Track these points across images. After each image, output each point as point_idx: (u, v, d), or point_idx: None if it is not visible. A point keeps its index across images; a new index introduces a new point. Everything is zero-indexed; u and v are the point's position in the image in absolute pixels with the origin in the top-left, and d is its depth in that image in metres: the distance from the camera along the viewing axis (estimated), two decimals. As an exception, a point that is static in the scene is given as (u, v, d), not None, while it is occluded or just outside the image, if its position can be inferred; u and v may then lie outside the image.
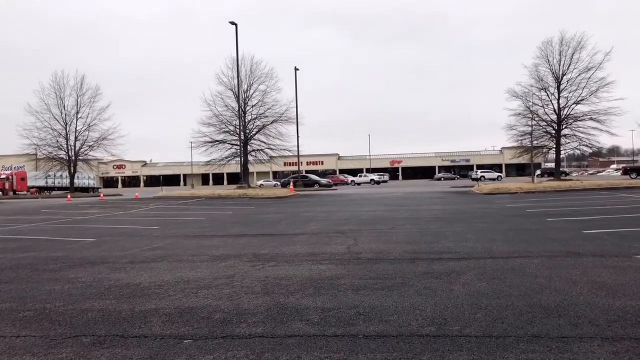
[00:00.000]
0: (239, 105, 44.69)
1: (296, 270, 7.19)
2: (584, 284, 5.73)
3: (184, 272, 7.29)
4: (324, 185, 51.33)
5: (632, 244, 8.51)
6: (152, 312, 5.14)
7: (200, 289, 6.12)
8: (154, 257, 8.83)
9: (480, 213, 16.25)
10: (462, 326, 4.32)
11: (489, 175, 72.49)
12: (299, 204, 24.72)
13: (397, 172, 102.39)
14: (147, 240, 11.37)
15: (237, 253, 9.00)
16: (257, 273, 7.05)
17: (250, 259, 8.31)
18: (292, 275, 6.83)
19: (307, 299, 5.47)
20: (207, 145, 48.58)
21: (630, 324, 4.24)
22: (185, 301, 5.55)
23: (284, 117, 48.94)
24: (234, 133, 48.51)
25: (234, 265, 7.72)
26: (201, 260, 8.32)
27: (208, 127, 48.32)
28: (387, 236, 10.75)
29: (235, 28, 38.51)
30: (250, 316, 4.84)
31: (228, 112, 48.37)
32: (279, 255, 8.57)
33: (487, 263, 7.27)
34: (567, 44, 44.39)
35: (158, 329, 4.55)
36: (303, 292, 5.77)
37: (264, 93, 48.95)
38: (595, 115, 43.97)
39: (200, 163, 61.66)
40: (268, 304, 5.28)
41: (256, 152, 50.82)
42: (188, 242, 10.93)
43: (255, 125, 49.85)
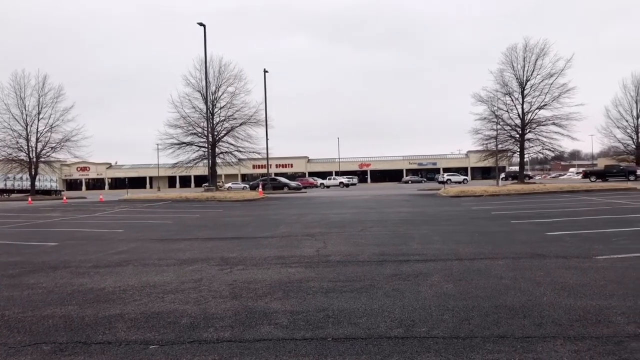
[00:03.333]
0: (207, 107, 44.35)
1: (265, 273, 7.14)
2: (547, 284, 5.87)
3: (150, 277, 7.15)
4: (293, 188, 51.25)
5: (593, 246, 8.76)
6: (116, 317, 5.01)
7: (166, 294, 6.01)
8: (119, 261, 8.64)
9: (447, 215, 16.48)
10: (430, 327, 4.36)
11: (455, 179, 73.66)
12: (268, 207, 24.60)
13: (366, 175, 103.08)
14: (112, 244, 11.11)
15: (204, 257, 8.89)
16: (225, 277, 6.97)
17: (218, 262, 8.22)
18: (260, 278, 6.78)
19: (276, 302, 5.43)
20: (174, 147, 48.07)
21: (591, 323, 4.36)
22: (152, 306, 5.44)
23: (253, 119, 48.82)
24: (201, 135, 48.06)
25: (202, 269, 7.61)
26: (168, 264, 8.18)
27: (175, 129, 47.82)
28: (356, 239, 10.79)
29: (203, 29, 38.14)
30: (218, 320, 4.78)
31: (196, 113, 47.99)
32: (248, 259, 8.49)
33: (454, 265, 7.37)
34: (530, 50, 45.66)
35: (123, 334, 4.44)
36: (272, 296, 5.73)
37: (233, 95, 48.78)
38: (558, 120, 45.35)
39: (167, 165, 60.70)
40: (236, 308, 5.22)
41: (224, 154, 50.48)
42: (154, 246, 10.73)
43: (224, 127, 49.54)
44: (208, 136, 44.91)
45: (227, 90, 48.85)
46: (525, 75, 46.19)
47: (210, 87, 47.01)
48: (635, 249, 8.22)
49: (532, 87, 46.28)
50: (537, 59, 45.45)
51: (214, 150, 48.25)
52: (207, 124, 45.02)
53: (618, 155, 67.88)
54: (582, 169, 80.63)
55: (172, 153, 48.83)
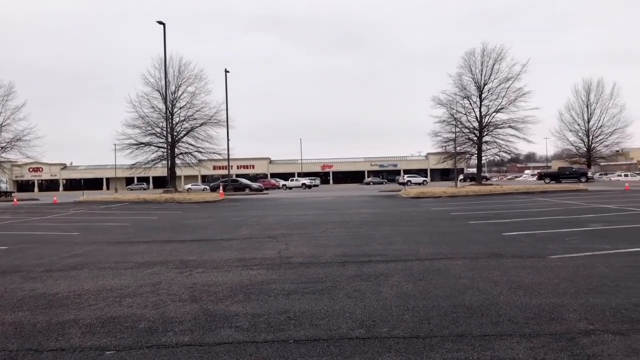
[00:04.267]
0: (167, 107, 43.50)
1: (225, 276, 7.05)
2: (504, 284, 6.02)
3: (106, 280, 6.95)
4: (255, 189, 50.90)
5: (547, 245, 9.04)
6: (70, 323, 4.85)
7: (124, 298, 5.86)
8: (73, 265, 8.36)
9: (407, 216, 16.71)
10: (391, 328, 4.40)
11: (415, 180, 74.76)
12: (229, 209, 24.35)
13: (328, 176, 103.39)
14: (67, 248, 10.75)
15: (163, 259, 8.71)
16: (184, 280, 6.85)
17: (177, 265, 8.07)
18: (221, 281, 6.69)
19: (237, 305, 5.37)
20: (132, 147, 46.92)
21: (545, 320, 4.49)
22: (108, 311, 5.28)
23: (213, 119, 48.20)
24: (160, 135, 47.15)
25: (160, 272, 7.46)
26: (125, 268, 7.97)
27: (133, 129, 46.72)
28: (318, 240, 10.79)
29: (163, 28, 37.43)
30: (177, 324, 4.69)
31: (155, 113, 47.02)
32: (208, 261, 8.37)
33: (414, 265, 7.47)
34: (488, 55, 46.85)
35: (77, 340, 4.30)
36: (232, 298, 5.67)
37: (193, 95, 48.04)
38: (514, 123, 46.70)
39: (125, 166, 59.28)
40: (196, 312, 5.13)
41: (184, 155, 49.66)
42: (111, 249, 10.45)
43: (184, 127, 48.75)
44: (167, 136, 44.10)
45: (187, 90, 48.10)
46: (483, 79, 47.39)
47: (170, 87, 46.18)
48: (587, 248, 8.53)
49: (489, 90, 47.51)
50: (494, 63, 46.70)
51: (174, 151, 47.41)
52: (166, 124, 44.16)
53: (571, 157, 70.56)
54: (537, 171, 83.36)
55: (130, 154, 47.67)
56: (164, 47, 38.11)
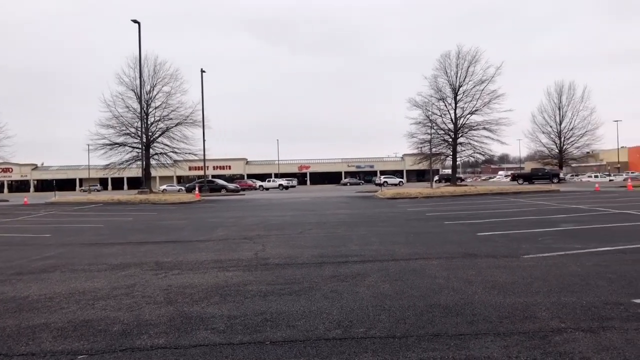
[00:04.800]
0: (142, 107, 42.93)
1: (201, 278, 6.99)
2: (478, 283, 6.10)
3: (79, 283, 6.82)
4: (231, 190, 50.54)
5: (520, 245, 9.20)
6: (41, 327, 4.74)
7: (97, 300, 5.75)
8: (44, 268, 8.19)
9: (384, 217, 16.81)
10: (367, 328, 4.42)
11: (392, 181, 75.33)
12: (205, 210, 24.14)
13: (305, 177, 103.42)
14: (38, 250, 10.52)
15: (138, 261, 8.59)
16: (159, 282, 6.77)
17: (152, 267, 7.96)
18: (197, 283, 6.62)
19: (213, 307, 5.33)
20: (106, 148, 46.21)
21: (518, 319, 4.56)
22: (80, 314, 5.18)
23: (189, 119, 47.77)
24: (135, 135, 46.54)
25: (135, 274, 7.35)
26: (99, 270, 7.83)
27: (107, 129, 46.01)
28: (295, 241, 10.78)
29: (138, 27, 36.94)
30: (152, 327, 4.62)
31: (129, 113, 46.40)
32: (183, 263, 8.28)
33: (390, 265, 7.51)
34: (463, 57, 47.51)
35: (48, 345, 4.21)
36: (208, 300, 5.62)
37: (169, 95, 47.58)
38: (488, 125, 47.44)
39: (99, 167, 58.28)
40: (171, 314, 5.07)
41: (159, 155, 49.10)
42: (84, 251, 10.26)
43: (159, 127, 48.22)
44: (142, 137, 43.52)
45: (163, 89, 47.61)
46: (458, 81, 48.03)
47: (145, 86, 45.65)
48: (559, 248, 8.71)
49: (464, 92, 48.17)
50: (469, 65, 47.37)
51: (148, 151, 46.82)
52: (141, 124, 43.58)
53: (543, 159, 71.93)
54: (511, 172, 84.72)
55: (104, 154, 46.92)
56: (139, 46, 37.65)
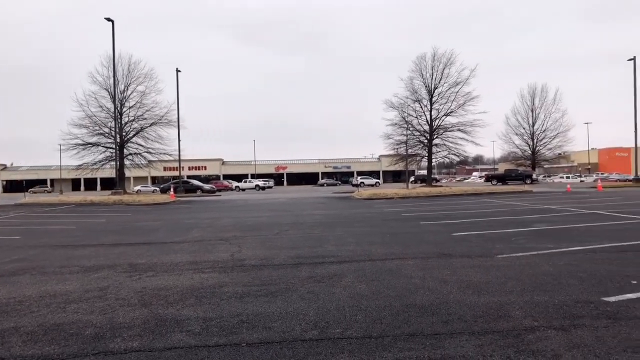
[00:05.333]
0: (115, 106, 42.25)
1: (176, 279, 6.90)
2: (453, 283, 6.16)
3: (50, 286, 6.67)
4: (207, 191, 50.08)
5: (494, 245, 9.33)
6: (11, 331, 4.62)
7: (69, 304, 5.63)
8: (14, 270, 7.98)
9: (360, 217, 16.87)
10: (344, 328, 4.42)
11: (368, 182, 75.75)
12: (180, 211, 23.88)
13: (282, 177, 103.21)
14: (7, 252, 10.25)
15: (111, 263, 8.44)
16: (133, 284, 6.66)
17: (126, 269, 7.83)
18: (172, 285, 6.54)
19: (188, 309, 5.27)
20: (79, 148, 45.31)
21: (493, 318, 4.63)
22: (51, 317, 5.07)
23: (164, 119, 47.22)
24: (109, 135, 45.81)
25: (108, 277, 7.22)
26: (71, 272, 7.67)
27: (80, 128, 45.16)
28: (271, 242, 10.74)
29: (112, 25, 36.37)
30: (126, 330, 4.55)
31: (103, 113, 45.63)
32: (158, 265, 8.18)
33: (367, 266, 7.54)
34: (438, 59, 48.05)
35: (18, 349, 4.10)
36: (184, 302, 5.55)
37: (143, 94, 46.94)
38: (463, 126, 48.07)
39: (71, 167, 57.16)
40: (145, 316, 5.00)
41: (133, 156, 48.41)
42: (56, 253, 10.04)
43: (133, 127, 47.55)
44: (116, 136, 42.86)
45: (137, 89, 46.93)
46: (434, 83, 48.56)
47: (119, 86, 44.99)
48: (532, 248, 8.86)
49: (439, 94, 48.73)
50: (444, 68, 47.93)
51: (122, 152, 46.12)
52: (115, 124, 42.88)
53: (516, 160, 73.21)
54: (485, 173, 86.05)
55: (77, 154, 46.01)
56: (112, 44, 37.08)
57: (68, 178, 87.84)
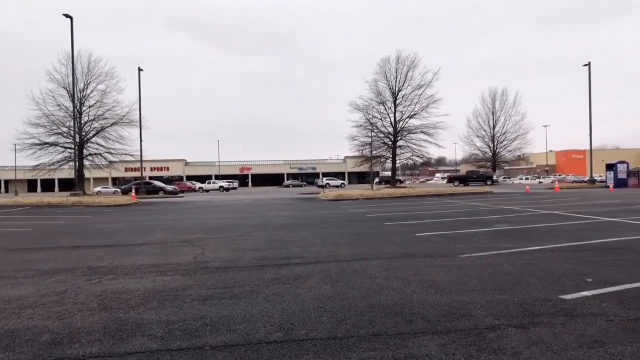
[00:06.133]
0: (74, 105, 41.08)
1: (138, 282, 6.75)
2: (417, 283, 6.24)
3: (3, 291, 6.42)
4: (169, 192, 49.28)
5: (456, 245, 9.50)
6: (-40, 339, 4.42)
7: (23, 309, 5.43)
8: (-35, 275, 7.65)
9: (326, 218, 16.90)
10: (309, 330, 4.42)
11: (334, 183, 76.11)
12: (142, 212, 23.41)
13: (247, 179, 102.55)
14: (-43, 256, 9.82)
15: (69, 266, 8.19)
16: (93, 288, 6.48)
17: (85, 272, 7.62)
18: (133, 288, 6.40)
19: (150, 312, 5.16)
20: (35, 147, 43.91)
21: (455, 317, 4.70)
22: (5, 324, 4.87)
23: (125, 119, 46.28)
24: (67, 135, 44.58)
25: (66, 280, 7.00)
26: (26, 277, 7.40)
27: (36, 127, 43.80)
28: (235, 244, 10.64)
29: (70, 21, 35.37)
30: (85, 335, 4.41)
31: (61, 112, 44.41)
32: (119, 268, 7.98)
33: (332, 266, 7.55)
34: (402, 62, 48.76)
35: (-32, 358, 3.93)
36: (145, 306, 5.43)
37: (104, 93, 45.92)
38: (426, 128, 48.97)
39: (27, 168, 55.28)
40: (105, 321, 4.86)
41: (93, 156, 47.27)
42: (10, 256, 9.68)
43: (93, 127, 46.44)
44: (75, 136, 41.71)
45: (97, 87, 45.87)
46: (397, 85, 49.24)
47: (78, 84, 43.85)
48: (492, 248, 9.06)
49: (403, 97, 49.45)
50: (408, 70, 48.69)
51: (82, 152, 44.96)
52: (74, 123, 41.71)
53: (477, 162, 74.87)
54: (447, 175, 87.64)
55: (33, 154, 44.57)
56: (71, 42, 36.05)
57: (24, 179, 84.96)
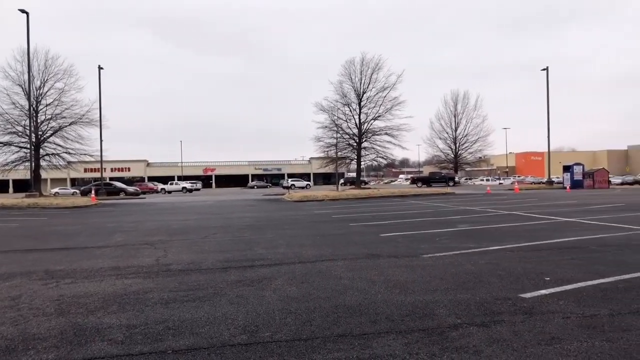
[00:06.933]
0: (30, 104, 39.75)
1: (98, 286, 6.57)
2: (381, 283, 6.28)
3: (-47, 297, 6.14)
4: (131, 193, 48.25)
5: (420, 245, 9.63)
6: None
7: (-25, 315, 5.20)
8: None
9: (291, 220, 16.86)
10: (274, 332, 4.39)
11: (299, 184, 76.06)
12: (103, 214, 22.83)
13: (210, 180, 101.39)
14: None
15: (25, 270, 7.90)
16: (49, 292, 6.27)
17: (41, 276, 7.36)
18: (92, 292, 6.22)
19: (110, 316, 5.02)
20: (-12, 147, 42.30)
21: (419, 317, 4.75)
22: (-45, 331, 4.66)
23: (85, 118, 45.08)
24: (23, 135, 43.09)
25: (21, 285, 6.75)
26: (-22, 281, 7.10)
27: (-11, 126, 42.14)
28: (199, 246, 10.49)
29: (26, 17, 34.22)
30: (40, 341, 4.26)
31: (16, 110, 43.00)
32: (78, 271, 7.75)
33: (297, 268, 7.53)
34: (367, 64, 49.17)
35: None
36: (105, 310, 5.29)
37: (62, 92, 44.62)
38: (390, 130, 49.51)
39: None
40: (63, 326, 4.71)
41: (51, 156, 45.86)
42: (-39, 261, 9.27)
43: (51, 126, 45.07)
44: (31, 136, 40.32)
45: (55, 86, 44.53)
46: (362, 87, 49.62)
47: (35, 82, 42.49)
48: (455, 247, 9.22)
49: (368, 99, 49.86)
50: (372, 72, 49.11)
51: (38, 152, 43.56)
52: (30, 123, 40.34)
53: (440, 163, 76.22)
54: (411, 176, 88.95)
55: (-15, 154, 42.96)
56: (27, 38, 34.92)
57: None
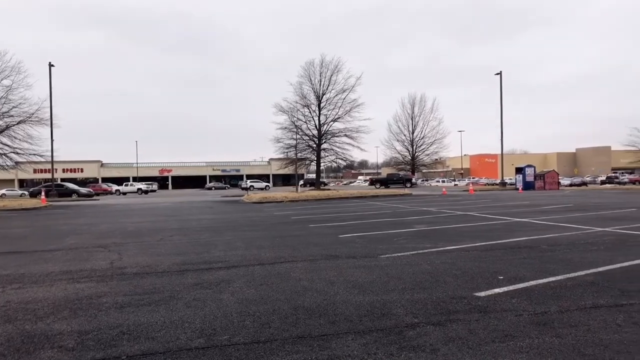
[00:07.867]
0: (-25, 102, 37.99)
1: (47, 291, 6.34)
2: (340, 284, 6.31)
3: None
4: (83, 194, 46.76)
5: (377, 246, 9.73)
6: None
7: None
8: None
9: (250, 221, 16.73)
10: (231, 335, 4.34)
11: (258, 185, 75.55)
12: (53, 216, 22.04)
13: (167, 181, 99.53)
14: None
15: (-31, 276, 7.54)
16: (-5, 298, 6.00)
17: (-13, 282, 7.04)
18: (42, 297, 5.99)
19: (61, 322, 4.85)
20: None
21: (377, 317, 4.80)
22: None
23: (34, 117, 43.29)
24: (-34, 134, 41.12)
25: (-35, 291, 6.43)
26: None
27: None
28: (154, 248, 10.26)
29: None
30: (-15, 350, 4.07)
31: (-41, 109, 40.86)
32: (26, 276, 7.45)
33: (256, 270, 7.48)
34: (326, 66, 49.43)
35: None
36: (56, 316, 5.10)
37: (9, 89, 42.68)
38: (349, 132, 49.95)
39: None
40: (9, 333, 4.51)
41: (-3, 156, 43.89)
42: None
43: (-3, 125, 43.08)
44: (-24, 135, 38.55)
45: (2, 83, 42.63)
46: (322, 89, 49.85)
47: (-20, 79, 40.58)
48: (412, 248, 9.36)
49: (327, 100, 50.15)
50: (332, 74, 49.42)
51: (-17, 152, 41.67)
52: (-26, 121, 38.59)
53: (398, 165, 77.31)
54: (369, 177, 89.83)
55: None
56: (-28, 32, 33.36)
57: None
